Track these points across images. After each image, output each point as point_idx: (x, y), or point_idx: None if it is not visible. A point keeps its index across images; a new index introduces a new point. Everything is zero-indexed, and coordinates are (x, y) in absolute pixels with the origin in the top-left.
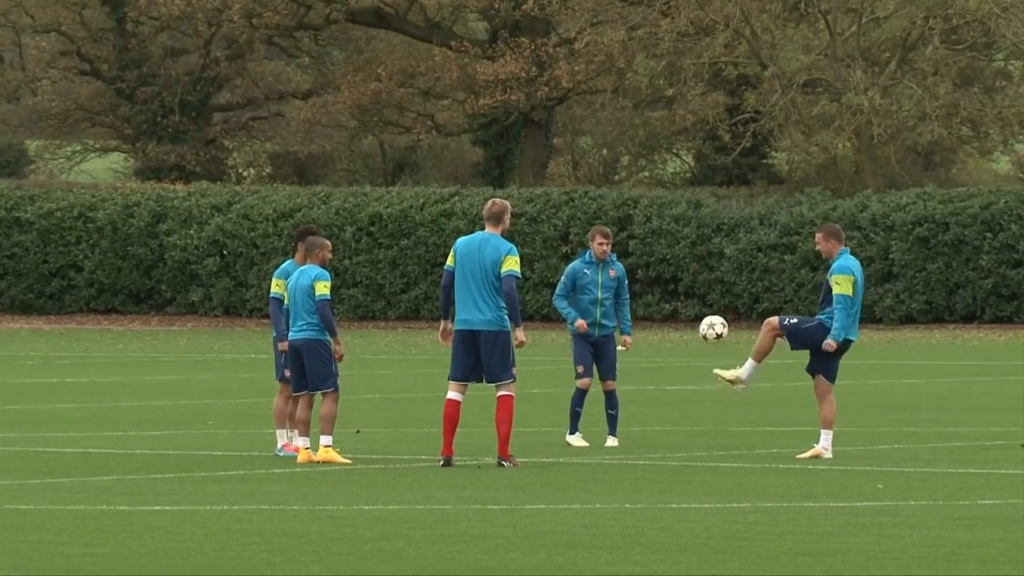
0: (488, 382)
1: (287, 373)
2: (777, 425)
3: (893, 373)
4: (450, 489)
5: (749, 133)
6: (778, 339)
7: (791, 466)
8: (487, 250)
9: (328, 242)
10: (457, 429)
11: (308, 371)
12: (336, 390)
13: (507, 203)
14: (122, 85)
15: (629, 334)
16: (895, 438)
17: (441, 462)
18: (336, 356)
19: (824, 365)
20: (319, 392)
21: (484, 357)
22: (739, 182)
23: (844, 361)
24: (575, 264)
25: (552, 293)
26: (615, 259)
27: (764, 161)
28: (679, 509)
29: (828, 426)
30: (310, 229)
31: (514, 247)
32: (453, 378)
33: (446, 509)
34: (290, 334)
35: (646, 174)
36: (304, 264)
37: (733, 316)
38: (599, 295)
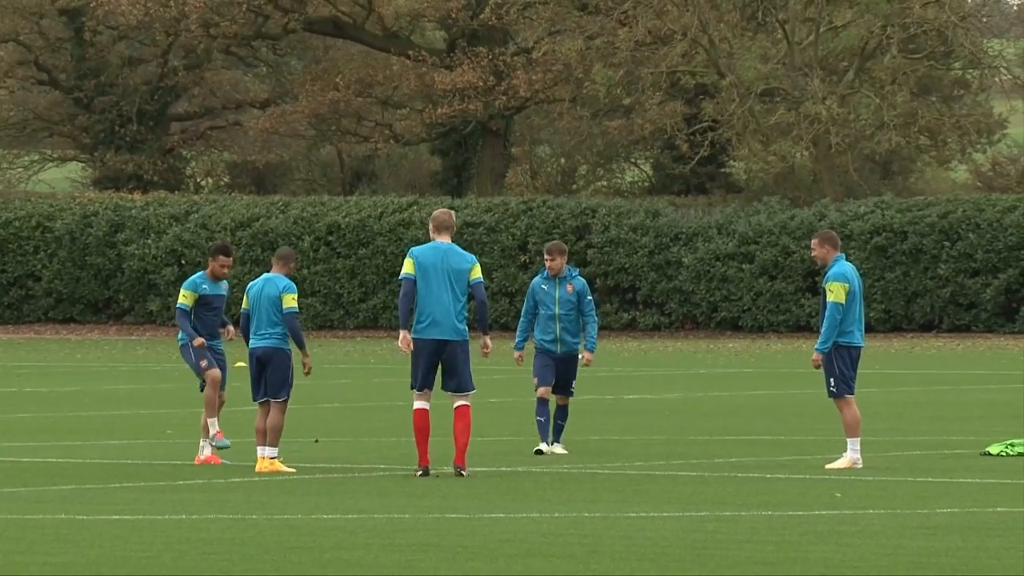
0: (454, 391)
1: (203, 363)
2: (736, 434)
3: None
4: (409, 498)
5: (707, 142)
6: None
7: (750, 475)
8: (452, 259)
9: (295, 254)
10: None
11: (268, 379)
12: (287, 401)
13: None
14: (80, 94)
15: (591, 351)
16: None
17: (419, 472)
18: (304, 370)
19: (827, 375)
20: (275, 401)
21: (451, 367)
22: (697, 191)
23: (808, 370)
24: (535, 280)
25: (510, 302)
26: (575, 274)
27: (722, 170)
28: (638, 518)
29: (850, 434)
30: (220, 246)
31: (474, 256)
32: (418, 387)
33: (405, 518)
34: (252, 341)
35: (604, 183)
36: (272, 273)
37: (691, 325)
38: (556, 310)
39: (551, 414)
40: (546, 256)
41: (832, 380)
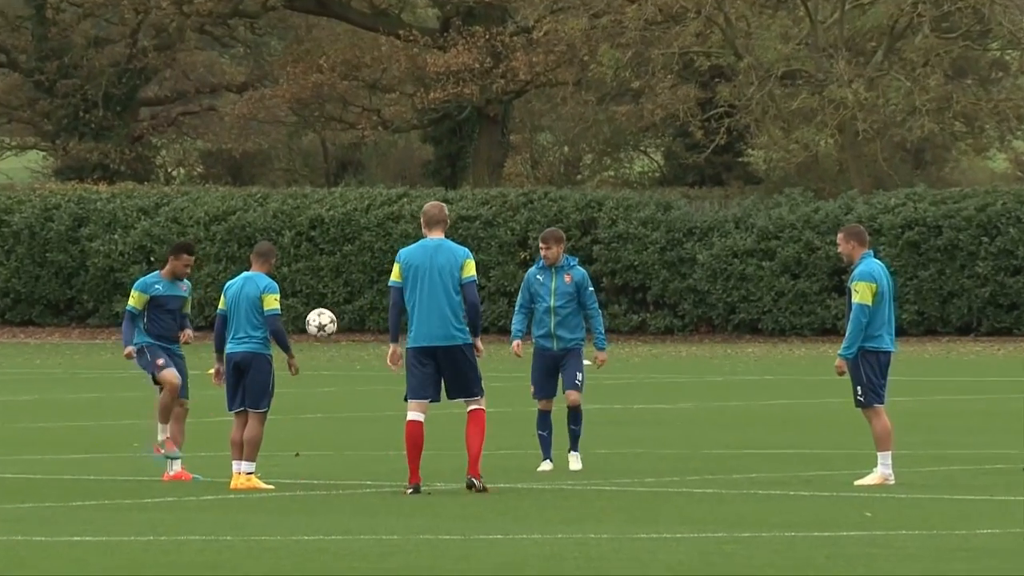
0: (461, 398)
1: (159, 361)
2: (756, 447)
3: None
4: (398, 518)
5: (723, 129)
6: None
7: (771, 492)
8: (441, 257)
9: (275, 249)
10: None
11: (247, 387)
12: (267, 412)
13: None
14: (41, 77)
15: (603, 349)
16: None
17: (409, 490)
18: (292, 371)
19: (854, 383)
20: (253, 412)
21: (452, 373)
22: (712, 182)
23: (835, 377)
24: (530, 271)
25: (508, 302)
26: (573, 263)
27: (740, 159)
28: (648, 539)
29: (881, 447)
30: (183, 245)
31: (468, 250)
32: (413, 397)
33: (394, 540)
34: (229, 346)
35: (611, 173)
36: (253, 272)
37: (707, 328)
38: (551, 303)
39: (552, 426)
40: (541, 244)
41: (859, 388)
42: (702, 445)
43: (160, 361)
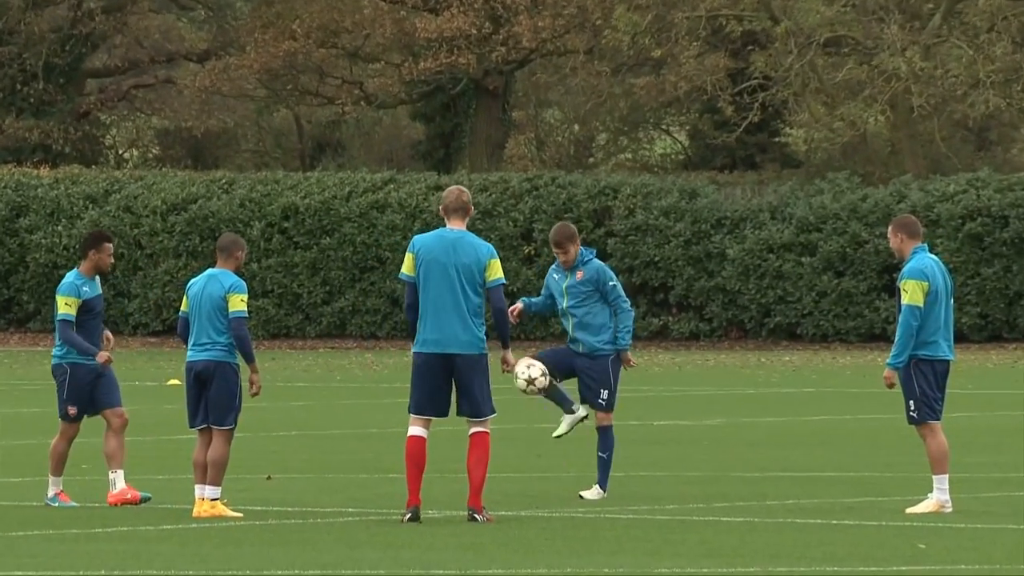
0: (468, 416)
1: (71, 411)
2: (793, 470)
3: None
4: (384, 550)
5: (757, 104)
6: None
7: (810, 521)
8: (463, 251)
9: (243, 241)
10: (424, 473)
11: (211, 400)
12: (233, 430)
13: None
14: None
15: (626, 347)
16: None
17: (408, 515)
18: (252, 389)
19: (906, 397)
20: (217, 429)
21: (463, 386)
22: (745, 166)
23: (884, 391)
24: (551, 268)
25: (512, 303)
26: (588, 258)
27: (776, 140)
28: (671, 574)
29: (936, 470)
30: (102, 234)
31: (492, 247)
32: (417, 411)
33: (379, 575)
34: (190, 354)
35: (628, 156)
36: (218, 268)
37: (737, 333)
38: (564, 304)
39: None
40: (554, 249)
41: (912, 403)
42: (732, 467)
43: (72, 411)
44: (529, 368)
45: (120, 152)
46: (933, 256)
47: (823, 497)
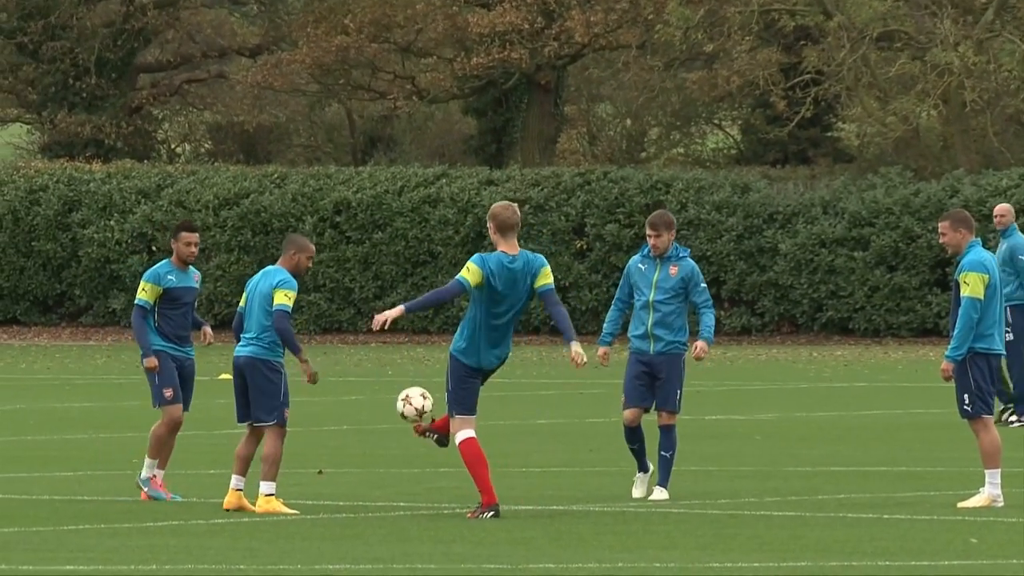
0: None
1: (167, 393)
2: (845, 464)
3: None
4: (435, 544)
5: (809, 99)
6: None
7: (862, 515)
8: (521, 279)
9: (311, 245)
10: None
11: (251, 396)
12: (282, 425)
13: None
14: (24, 39)
15: (708, 340)
16: None
17: (490, 513)
18: (306, 377)
19: (959, 390)
20: (261, 425)
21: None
22: (797, 160)
23: (938, 384)
24: (633, 258)
25: (562, 298)
26: (684, 255)
27: (828, 134)
28: (722, 568)
29: (988, 464)
30: (184, 223)
31: (543, 257)
32: (466, 412)
33: (431, 569)
34: (236, 349)
35: (680, 150)
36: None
37: (789, 328)
38: (651, 296)
39: (643, 439)
40: (648, 230)
41: (966, 396)
42: (784, 462)
43: (169, 393)
44: (418, 399)
45: (172, 147)
46: (988, 251)
47: (875, 492)
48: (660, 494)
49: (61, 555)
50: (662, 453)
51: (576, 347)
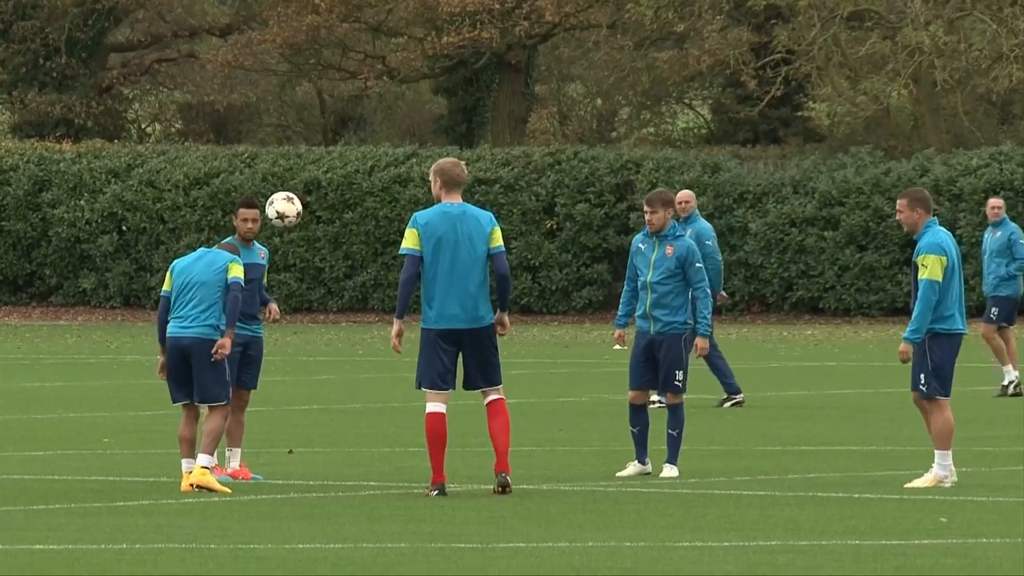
0: (484, 386)
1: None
2: (815, 443)
3: (962, 378)
4: (405, 523)
5: (780, 79)
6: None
7: (832, 494)
8: (467, 226)
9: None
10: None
11: (201, 378)
12: (228, 403)
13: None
14: None
15: (704, 335)
16: (964, 459)
17: (434, 491)
18: (216, 354)
19: (916, 369)
20: (216, 405)
21: (475, 359)
22: (767, 140)
23: (909, 365)
24: (636, 236)
25: (533, 278)
26: (680, 233)
27: (799, 114)
28: (691, 548)
29: (939, 445)
30: (243, 199)
31: (491, 215)
32: (433, 386)
33: (401, 548)
34: (173, 328)
35: (651, 130)
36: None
37: (760, 307)
38: (648, 277)
39: (647, 425)
40: (645, 208)
41: (923, 376)
42: (753, 441)
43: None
44: (286, 202)
45: (143, 126)
46: (944, 230)
47: (845, 471)
48: (670, 471)
49: (31, 535)
50: (669, 431)
51: (504, 317)
